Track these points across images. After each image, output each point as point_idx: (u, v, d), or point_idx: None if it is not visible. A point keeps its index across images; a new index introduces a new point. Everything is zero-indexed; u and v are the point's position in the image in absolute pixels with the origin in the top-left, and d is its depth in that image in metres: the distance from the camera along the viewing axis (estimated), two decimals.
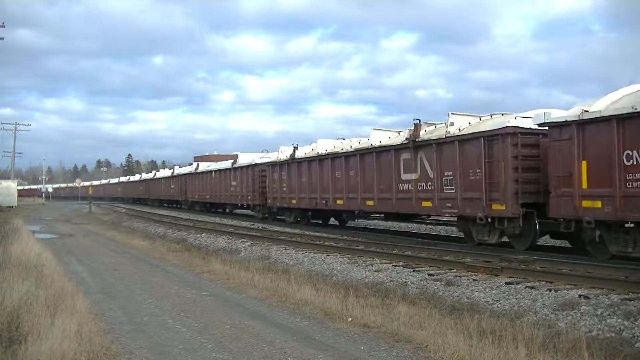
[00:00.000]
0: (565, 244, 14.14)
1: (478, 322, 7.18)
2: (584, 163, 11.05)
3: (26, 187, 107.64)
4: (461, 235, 17.60)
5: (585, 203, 10.98)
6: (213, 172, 35.10)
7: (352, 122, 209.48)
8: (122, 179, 78.41)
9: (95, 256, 16.62)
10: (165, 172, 53.32)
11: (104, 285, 11.32)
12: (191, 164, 54.27)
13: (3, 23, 37.94)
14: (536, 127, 12.37)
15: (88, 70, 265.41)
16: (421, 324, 7.19)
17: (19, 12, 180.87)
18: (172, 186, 45.96)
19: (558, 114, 11.84)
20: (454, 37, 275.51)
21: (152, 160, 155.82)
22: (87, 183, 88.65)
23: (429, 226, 22.35)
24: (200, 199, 38.03)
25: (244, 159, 30.67)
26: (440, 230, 20.97)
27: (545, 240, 16.57)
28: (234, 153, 34.57)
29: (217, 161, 41.79)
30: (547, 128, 11.99)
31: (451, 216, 16.08)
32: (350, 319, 7.68)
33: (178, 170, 45.51)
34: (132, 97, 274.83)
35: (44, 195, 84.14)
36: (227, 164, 33.30)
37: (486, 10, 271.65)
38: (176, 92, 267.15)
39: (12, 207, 48.05)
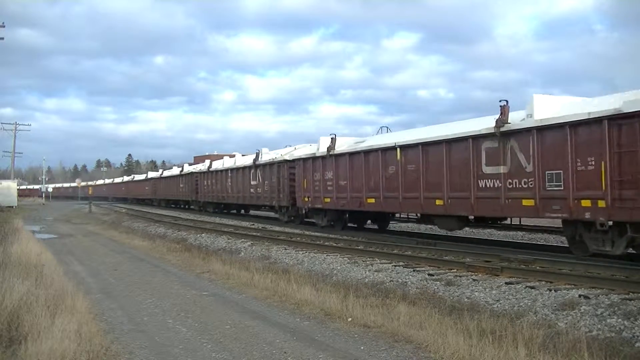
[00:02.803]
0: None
1: (478, 322, 7.18)
2: None
3: (26, 187, 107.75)
4: (457, 234, 17.48)
5: None
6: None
7: (353, 122, 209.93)
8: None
9: (95, 256, 16.62)
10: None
11: (104, 285, 11.32)
12: (191, 163, 54.00)
13: (3, 23, 37.88)
14: None
15: (89, 70, 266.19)
16: (421, 324, 7.19)
17: (19, 11, 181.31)
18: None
19: None
20: (455, 37, 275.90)
21: (152, 160, 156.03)
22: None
23: (429, 226, 22.14)
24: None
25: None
26: (441, 230, 20.88)
27: (546, 240, 16.58)
28: (233, 153, 33.64)
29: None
30: None
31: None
32: (350, 319, 7.68)
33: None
34: (133, 97, 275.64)
35: (43, 195, 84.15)
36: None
37: (488, 10, 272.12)
38: (177, 92, 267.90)
39: (12, 207, 48.08)
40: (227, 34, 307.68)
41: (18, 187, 60.12)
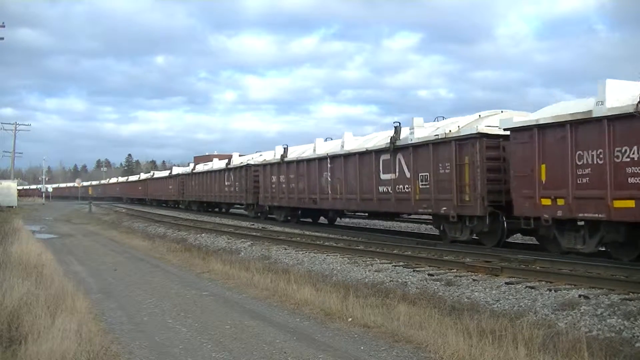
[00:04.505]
0: None
1: (478, 322, 7.18)
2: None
3: (26, 187, 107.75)
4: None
5: None
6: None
7: (353, 122, 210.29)
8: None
9: (95, 256, 16.62)
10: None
11: (104, 285, 11.32)
12: (190, 164, 54.42)
13: (3, 23, 37.89)
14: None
15: (89, 70, 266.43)
16: (421, 324, 7.19)
17: (20, 11, 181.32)
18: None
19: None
20: (456, 37, 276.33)
21: (152, 160, 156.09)
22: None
23: (429, 226, 22.23)
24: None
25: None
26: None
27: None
28: (231, 153, 34.95)
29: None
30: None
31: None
32: (350, 319, 7.68)
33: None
34: (134, 97, 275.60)
35: (43, 195, 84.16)
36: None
37: (489, 10, 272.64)
38: (178, 92, 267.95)
39: (12, 207, 48.05)
40: (227, 34, 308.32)
41: (18, 187, 60.14)
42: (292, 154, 23.88)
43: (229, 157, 33.02)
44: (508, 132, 12.94)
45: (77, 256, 16.67)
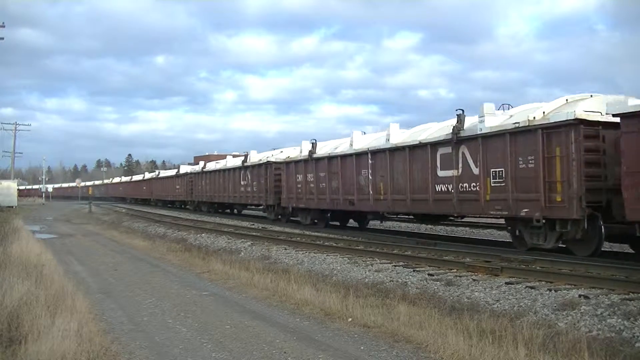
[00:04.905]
0: None
1: (478, 322, 7.18)
2: None
3: (26, 187, 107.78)
4: (457, 234, 17.57)
5: None
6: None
7: (353, 122, 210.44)
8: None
9: (95, 256, 16.62)
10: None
11: (104, 285, 11.32)
12: (191, 163, 54.09)
13: (3, 23, 37.93)
14: None
15: (90, 70, 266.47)
16: (421, 324, 7.18)
17: (20, 11, 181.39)
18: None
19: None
20: (457, 37, 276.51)
21: (152, 160, 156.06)
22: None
23: (429, 226, 22.22)
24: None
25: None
26: (441, 230, 20.95)
27: None
28: (231, 153, 34.28)
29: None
30: None
31: None
32: (350, 319, 7.68)
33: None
34: (134, 97, 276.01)
35: (43, 195, 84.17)
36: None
37: (489, 10, 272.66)
38: (178, 92, 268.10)
39: (12, 207, 48.07)
40: (228, 34, 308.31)
41: (18, 187, 60.11)
42: (322, 150, 21.30)
43: (245, 155, 30.01)
44: (610, 119, 10.90)
45: (77, 256, 16.67)
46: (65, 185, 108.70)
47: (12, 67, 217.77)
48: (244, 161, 29.43)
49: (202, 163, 39.40)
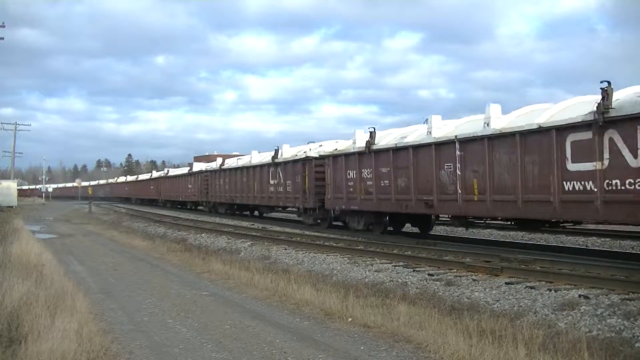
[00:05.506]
0: None
1: (478, 322, 7.18)
2: None
3: (26, 187, 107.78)
4: (457, 234, 17.65)
5: None
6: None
7: (354, 122, 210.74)
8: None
9: (95, 256, 16.62)
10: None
11: (104, 285, 11.32)
12: (190, 163, 53.77)
13: (3, 23, 38.03)
14: None
15: (90, 70, 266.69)
16: (421, 324, 7.18)
17: (20, 11, 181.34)
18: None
19: None
20: (457, 37, 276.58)
21: (152, 160, 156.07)
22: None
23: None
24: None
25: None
26: (441, 230, 20.93)
27: (546, 240, 16.60)
28: (232, 153, 33.12)
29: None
30: None
31: None
32: (350, 319, 7.67)
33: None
34: (134, 97, 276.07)
35: (43, 195, 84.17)
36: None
37: (490, 10, 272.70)
38: (178, 92, 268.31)
39: (12, 207, 48.08)
40: (228, 34, 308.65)
41: (18, 187, 60.14)
42: (384, 140, 17.41)
43: (275, 150, 25.45)
44: None
45: (77, 256, 16.67)
46: (66, 185, 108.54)
47: (12, 67, 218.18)
48: (275, 157, 25.18)
49: (219, 159, 35.40)
